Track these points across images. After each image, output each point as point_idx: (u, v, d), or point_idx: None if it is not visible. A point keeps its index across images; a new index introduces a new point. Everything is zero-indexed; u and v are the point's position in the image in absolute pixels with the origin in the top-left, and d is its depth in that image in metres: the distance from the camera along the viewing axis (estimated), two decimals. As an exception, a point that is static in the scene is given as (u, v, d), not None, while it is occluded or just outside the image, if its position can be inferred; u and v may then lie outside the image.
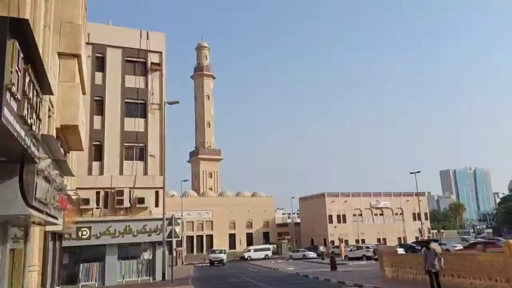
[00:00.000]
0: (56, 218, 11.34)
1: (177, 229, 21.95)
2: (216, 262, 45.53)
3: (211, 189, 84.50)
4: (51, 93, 8.28)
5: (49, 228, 15.41)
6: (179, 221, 23.29)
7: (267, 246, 62.02)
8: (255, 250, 57.80)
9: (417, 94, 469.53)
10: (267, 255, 57.10)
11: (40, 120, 7.80)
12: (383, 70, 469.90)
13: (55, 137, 11.81)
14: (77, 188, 23.50)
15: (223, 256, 47.46)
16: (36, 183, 7.59)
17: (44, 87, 8.07)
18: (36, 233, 14.63)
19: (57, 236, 18.99)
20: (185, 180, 55.48)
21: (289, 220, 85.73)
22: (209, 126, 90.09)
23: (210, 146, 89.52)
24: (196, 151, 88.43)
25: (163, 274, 23.38)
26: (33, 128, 6.76)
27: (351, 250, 43.36)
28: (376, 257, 39.53)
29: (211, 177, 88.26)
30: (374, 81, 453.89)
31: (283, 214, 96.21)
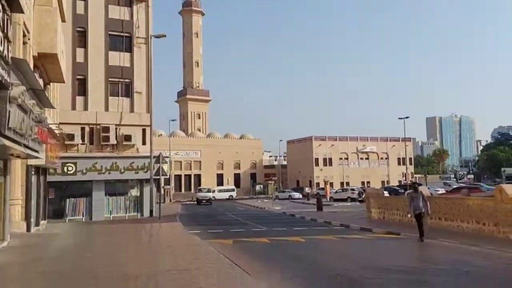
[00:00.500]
0: (36, 151, 10.80)
1: (165, 167, 21.67)
2: (204, 201, 44.77)
3: (199, 130, 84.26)
4: (21, 11, 7.38)
5: (31, 162, 14.92)
6: (167, 159, 22.95)
7: (232, 187, 63.49)
8: (219, 191, 59.17)
9: (405, 43, 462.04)
10: (231, 195, 59.05)
11: (9, 41, 6.99)
12: (374, 20, 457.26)
13: (31, 65, 10.93)
14: (61, 123, 22.72)
15: (211, 195, 47.10)
16: (9, 111, 6.94)
17: (13, 4, 7.15)
18: (17, 166, 14.15)
19: (41, 171, 18.58)
20: (173, 120, 54.60)
21: (275, 162, 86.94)
22: (198, 66, 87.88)
23: (198, 87, 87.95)
24: (184, 91, 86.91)
25: (151, 211, 23.47)
26: (0, 48, 5.98)
27: (336, 192, 44.28)
28: (360, 199, 40.57)
29: (199, 118, 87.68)
30: (364, 31, 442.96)
31: (270, 156, 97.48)
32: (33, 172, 16.26)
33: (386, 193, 41.33)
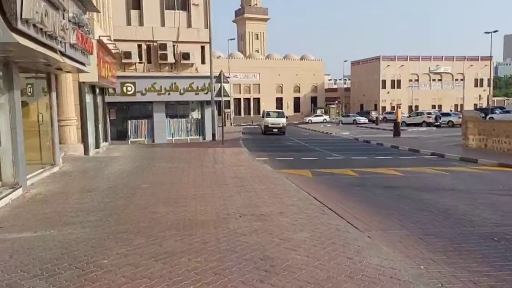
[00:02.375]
0: (81, 63, 9.02)
1: (227, 87, 19.69)
2: (275, 130, 30.38)
3: (257, 51, 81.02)
4: None
5: (83, 78, 13.50)
6: (228, 79, 20.89)
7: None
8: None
9: None
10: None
11: None
12: None
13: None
14: (116, 40, 21.23)
15: (284, 121, 31.34)
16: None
17: None
18: (68, 83, 12.76)
19: (98, 90, 17.37)
20: (231, 39, 51.72)
21: (339, 85, 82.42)
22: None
23: (256, 4, 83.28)
24: (242, 10, 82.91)
25: (213, 135, 22.08)
26: None
27: (409, 116, 40.55)
28: (437, 123, 36.88)
29: (257, 38, 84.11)
30: None
31: (329, 80, 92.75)
32: (87, 91, 14.99)
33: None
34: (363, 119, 49.64)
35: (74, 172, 9.91)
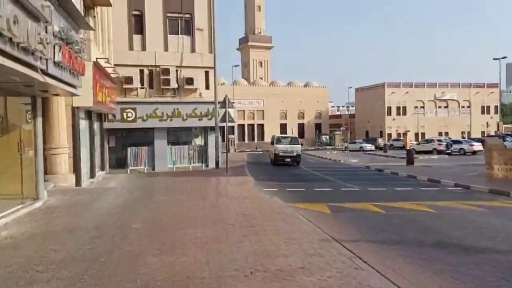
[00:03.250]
0: (70, 84, 7.99)
1: (232, 112, 18.70)
2: (289, 160, 24.88)
3: (261, 78, 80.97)
4: None
5: (78, 103, 12.51)
6: (233, 104, 19.91)
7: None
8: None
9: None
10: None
11: None
12: None
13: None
14: (118, 65, 20.48)
15: (298, 149, 25.76)
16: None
17: None
18: (59, 108, 11.74)
19: (95, 116, 16.41)
20: (236, 66, 51.40)
21: (342, 112, 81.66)
22: (260, 10, 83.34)
23: (260, 33, 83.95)
24: (246, 38, 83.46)
25: (217, 162, 20.93)
26: None
27: (419, 144, 39.37)
28: (448, 151, 35.66)
29: (261, 66, 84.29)
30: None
31: (332, 107, 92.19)
32: (83, 116, 13.99)
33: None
34: (369, 146, 48.61)
35: (59, 208, 8.72)
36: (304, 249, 5.46)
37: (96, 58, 13.07)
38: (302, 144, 29.76)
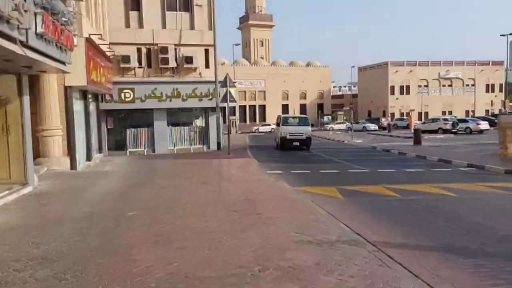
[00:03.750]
0: (55, 59, 7.27)
1: (233, 92, 17.95)
2: (297, 143, 22.16)
3: (262, 58, 79.59)
4: None
5: (70, 82, 11.78)
6: (234, 84, 19.07)
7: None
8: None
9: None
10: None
11: None
12: None
13: None
14: (114, 43, 19.64)
15: (308, 131, 22.45)
16: None
17: None
18: (50, 88, 11.05)
19: (90, 96, 15.67)
20: (236, 44, 50.16)
21: (344, 92, 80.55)
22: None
23: (261, 11, 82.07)
24: (246, 17, 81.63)
25: (218, 144, 20.29)
26: None
27: (424, 123, 38.57)
28: (454, 130, 34.92)
29: (262, 45, 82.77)
30: None
31: (333, 87, 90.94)
32: (78, 97, 13.28)
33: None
34: (373, 126, 47.83)
35: (49, 194, 8.12)
36: (318, 241, 4.85)
37: (89, 34, 12.28)
38: (312, 125, 26.96)
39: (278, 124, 24.09)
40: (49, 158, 11.07)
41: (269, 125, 53.28)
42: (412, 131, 39.00)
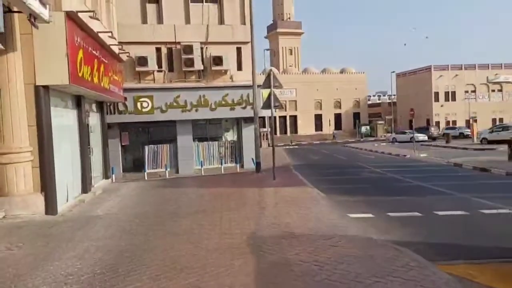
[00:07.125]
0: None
1: (277, 92, 13.77)
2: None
3: (291, 66, 75.73)
4: None
5: (43, 81, 7.87)
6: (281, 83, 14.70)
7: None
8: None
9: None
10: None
11: None
12: None
13: None
14: (130, 43, 16.01)
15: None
16: None
17: None
18: (11, 87, 7.12)
19: (91, 105, 11.81)
20: (267, 49, 46.42)
21: (383, 99, 75.33)
22: (288, -7, 78.12)
23: (289, 18, 78.57)
24: (274, 25, 78.27)
25: (257, 164, 15.95)
26: None
27: (492, 131, 33.26)
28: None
29: (291, 54, 78.96)
30: None
31: (368, 95, 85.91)
32: (66, 105, 9.36)
33: None
34: (422, 136, 42.67)
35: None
36: None
37: (77, 11, 8.32)
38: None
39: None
40: (9, 197, 7.09)
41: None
42: (474, 140, 34.00)
